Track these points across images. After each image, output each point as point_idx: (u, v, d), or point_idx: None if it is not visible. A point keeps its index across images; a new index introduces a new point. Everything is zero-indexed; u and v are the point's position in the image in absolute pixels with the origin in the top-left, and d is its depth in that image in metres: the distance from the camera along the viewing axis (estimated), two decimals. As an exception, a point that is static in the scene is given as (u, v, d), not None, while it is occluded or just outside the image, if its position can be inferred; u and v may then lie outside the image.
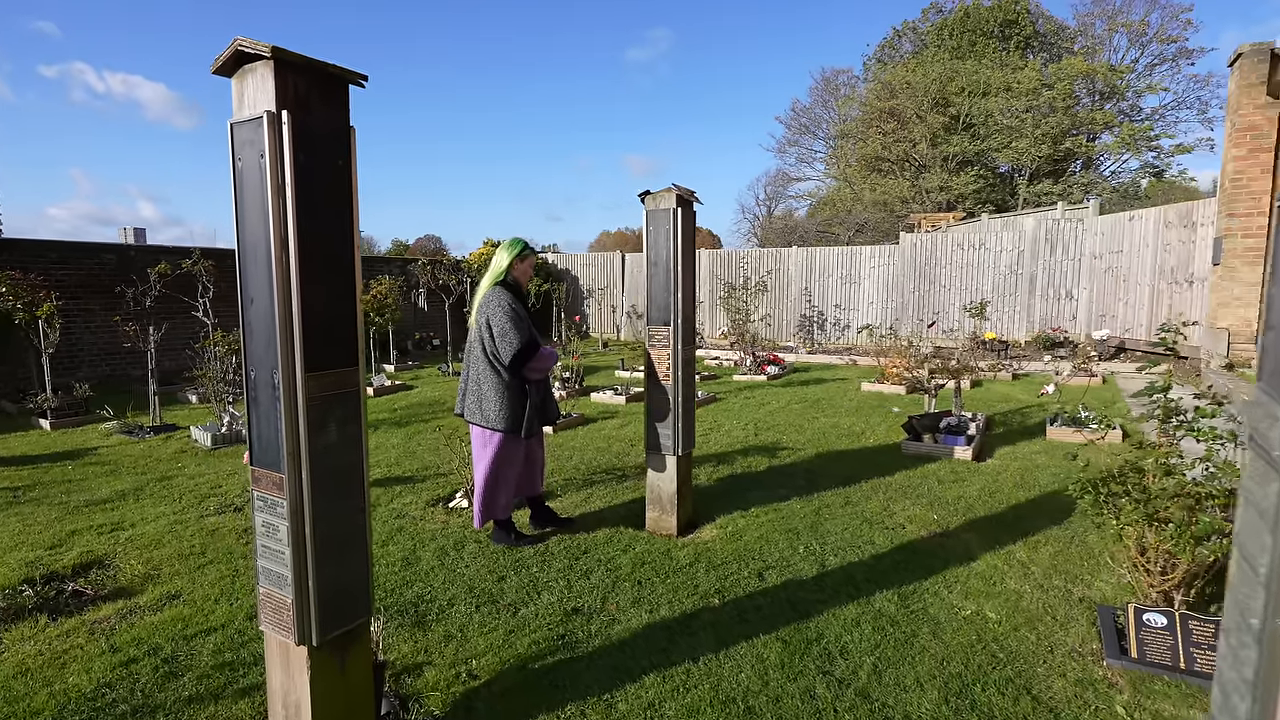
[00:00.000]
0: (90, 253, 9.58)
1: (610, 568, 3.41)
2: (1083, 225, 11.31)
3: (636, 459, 5.42)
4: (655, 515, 3.97)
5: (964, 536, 3.76)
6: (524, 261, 3.77)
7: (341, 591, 1.88)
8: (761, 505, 4.28)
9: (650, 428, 3.93)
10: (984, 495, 4.42)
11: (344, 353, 1.83)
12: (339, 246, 1.80)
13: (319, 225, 1.74)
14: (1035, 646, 2.67)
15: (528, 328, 3.62)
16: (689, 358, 3.91)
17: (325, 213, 1.76)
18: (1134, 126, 27.04)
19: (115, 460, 5.64)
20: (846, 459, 5.38)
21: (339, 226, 1.80)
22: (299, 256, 1.70)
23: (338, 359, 1.82)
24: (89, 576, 3.44)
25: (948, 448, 5.37)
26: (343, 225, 1.80)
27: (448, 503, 4.46)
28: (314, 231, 1.73)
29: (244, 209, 1.75)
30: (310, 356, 1.74)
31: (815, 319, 13.54)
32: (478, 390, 3.60)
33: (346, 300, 1.83)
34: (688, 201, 3.83)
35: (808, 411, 7.22)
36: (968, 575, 3.28)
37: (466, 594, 3.14)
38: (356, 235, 1.86)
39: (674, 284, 3.76)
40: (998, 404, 7.43)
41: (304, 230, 1.70)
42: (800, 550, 3.59)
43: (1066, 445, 5.63)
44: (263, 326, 1.75)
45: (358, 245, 1.86)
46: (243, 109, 1.74)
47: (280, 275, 1.69)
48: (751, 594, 3.10)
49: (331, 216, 1.78)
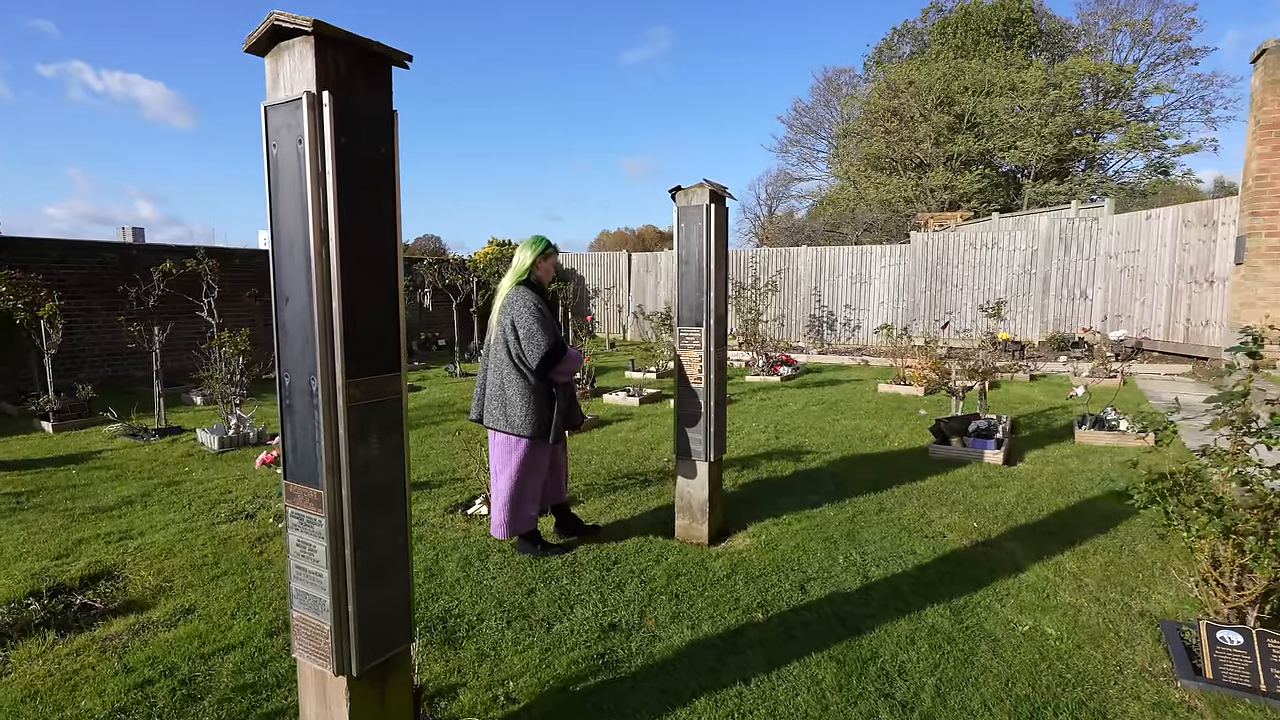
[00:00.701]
0: (92, 251, 9.42)
1: (644, 579, 3.26)
2: (1098, 224, 11.18)
3: (657, 463, 5.28)
4: (685, 523, 3.82)
5: (1008, 545, 3.62)
6: (547, 260, 3.63)
7: (383, 617, 1.73)
8: (793, 512, 4.13)
9: (680, 432, 3.79)
10: (1022, 501, 4.27)
11: (386, 358, 1.68)
12: (382, 242, 1.65)
13: (362, 218, 1.60)
14: (1103, 666, 2.52)
15: (554, 328, 3.48)
16: (721, 360, 3.76)
17: (368, 204, 1.61)
18: (1140, 126, 26.92)
19: (120, 464, 5.49)
20: (873, 463, 5.24)
21: (382, 220, 1.65)
22: (340, 252, 1.55)
23: (380, 364, 1.67)
24: (98, 588, 3.29)
25: (977, 451, 5.23)
26: (386, 219, 1.65)
27: (466, 509, 4.31)
28: (356, 225, 1.58)
29: (279, 199, 1.60)
30: (351, 361, 1.60)
31: (825, 319, 13.40)
32: (501, 395, 3.45)
33: (389, 301, 1.68)
34: (720, 197, 3.68)
35: (827, 414, 7.08)
36: (1018, 587, 3.14)
37: (496, 608, 2.99)
38: (399, 231, 1.71)
39: (707, 283, 3.61)
40: (1019, 406, 7.29)
41: (346, 223, 1.55)
42: (840, 560, 3.44)
43: (1097, 449, 5.49)
44: (299, 328, 1.60)
45: (400, 241, 1.71)
46: (278, 90, 1.59)
47: (320, 272, 1.54)
48: (796, 608, 2.96)
49: (375, 209, 1.63)
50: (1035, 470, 4.95)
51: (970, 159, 28.97)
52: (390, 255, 1.67)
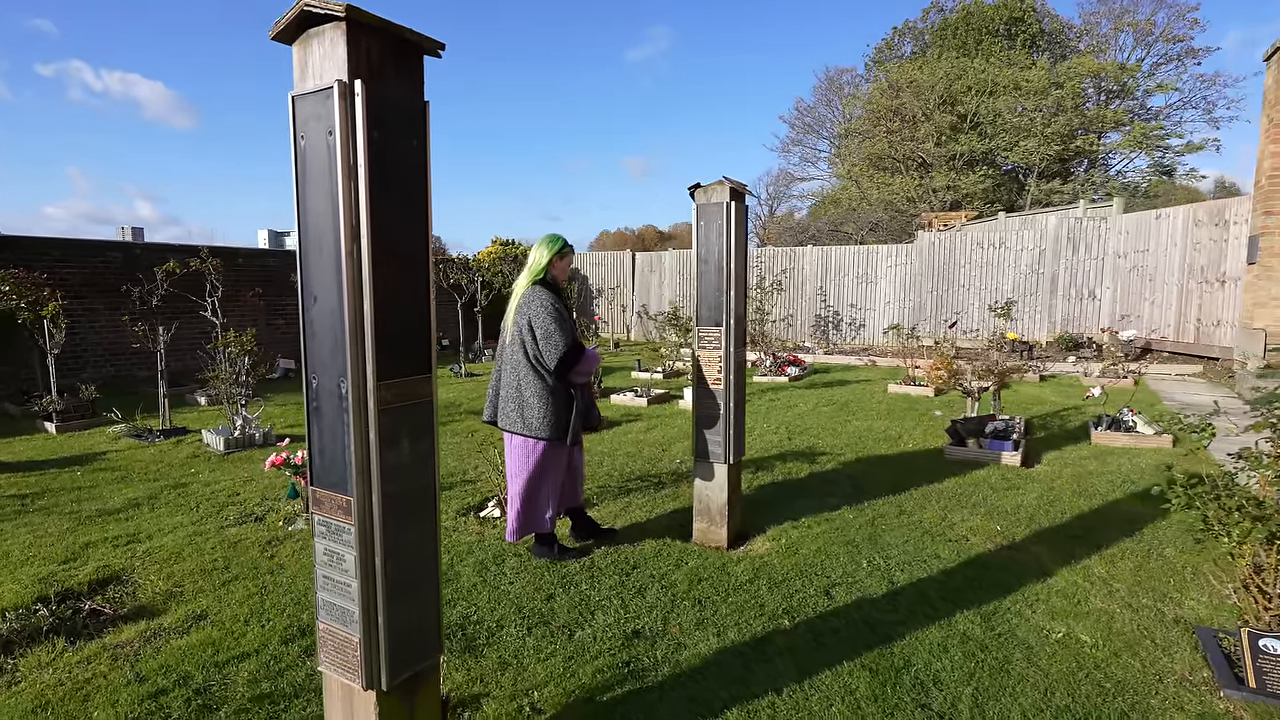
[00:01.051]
0: (94, 250, 9.35)
1: (665, 584, 3.19)
2: (1106, 224, 11.12)
3: (670, 465, 5.21)
4: (703, 527, 3.76)
5: (1033, 549, 3.55)
6: (563, 259, 3.56)
7: (413, 629, 1.66)
8: (812, 515, 4.07)
9: (698, 434, 3.72)
10: (1043, 504, 4.21)
11: (418, 359, 1.62)
12: (414, 238, 1.58)
13: (394, 213, 1.53)
14: (1142, 675, 2.46)
15: (572, 329, 3.41)
16: (741, 360, 3.70)
17: (400, 199, 1.54)
18: (1144, 125, 26.86)
19: (125, 466, 5.42)
20: (889, 464, 5.17)
21: (414, 216, 1.58)
22: (372, 248, 1.48)
23: (412, 365, 1.60)
24: (107, 593, 3.22)
25: (994, 453, 5.17)
26: (418, 214, 1.59)
27: (479, 512, 4.25)
28: (388, 220, 1.52)
29: (307, 194, 1.53)
30: (383, 363, 1.53)
31: (830, 319, 13.34)
32: (518, 396, 3.38)
33: (421, 299, 1.61)
34: (740, 194, 3.62)
35: (838, 414, 7.01)
36: (1048, 593, 3.07)
37: (515, 614, 2.92)
38: (430, 227, 1.64)
39: (727, 282, 3.55)
40: (1032, 407, 7.23)
41: (378, 219, 1.49)
42: (864, 565, 3.38)
43: (1115, 450, 5.42)
44: (328, 328, 1.53)
45: (431, 239, 1.64)
46: (306, 79, 1.53)
47: (351, 270, 1.48)
48: (823, 614, 2.89)
49: (406, 204, 1.56)
50: (1054, 472, 4.88)
51: (973, 159, 28.92)
52: (422, 252, 1.60)
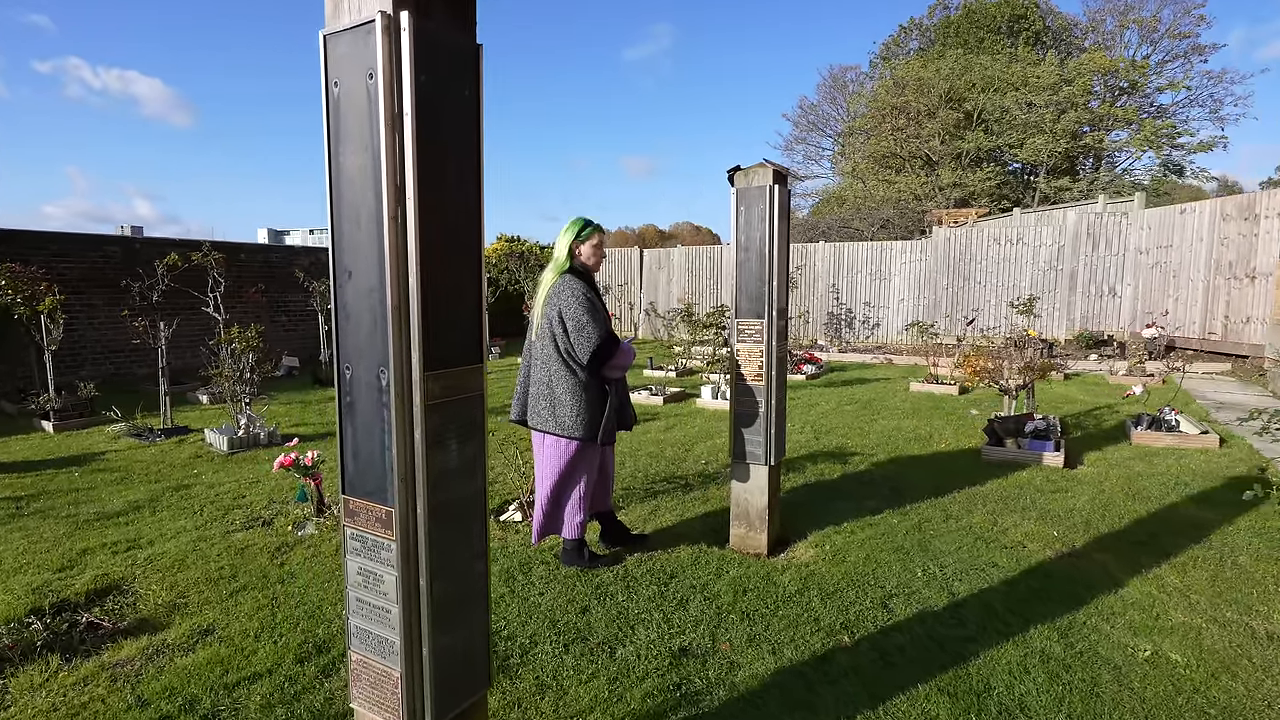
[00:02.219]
0: (93, 245, 9.11)
1: (707, 596, 2.96)
2: (1127, 219, 10.88)
3: (695, 465, 4.98)
4: (742, 532, 3.53)
5: (1097, 557, 3.32)
6: (587, 242, 3.24)
7: (461, 660, 1.43)
8: (853, 519, 3.84)
9: (736, 434, 3.49)
10: (1097, 508, 3.98)
11: (469, 346, 1.39)
12: (465, 204, 1.35)
13: (443, 174, 1.30)
14: (1248, 700, 2.23)
15: (605, 320, 3.17)
16: (783, 356, 3.46)
17: (451, 158, 1.31)
18: (1154, 123, 26.62)
19: (125, 466, 5.19)
20: (924, 465, 4.94)
21: (466, 178, 1.35)
22: (420, 214, 1.25)
23: (462, 354, 1.37)
24: (106, 605, 2.99)
25: (1034, 453, 4.94)
26: (470, 175, 1.35)
27: (499, 516, 4.02)
28: (438, 181, 1.28)
29: (341, 150, 1.30)
30: (431, 350, 1.30)
31: (844, 316, 13.10)
32: (549, 393, 3.14)
33: (473, 277, 1.38)
34: (783, 177, 3.39)
35: (862, 413, 6.78)
36: (1122, 605, 2.85)
37: (549, 630, 2.69)
38: (483, 192, 1.40)
39: (769, 271, 3.32)
40: (1062, 405, 6.99)
41: (426, 178, 1.25)
42: (919, 574, 3.15)
43: (1159, 451, 5.19)
44: (366, 308, 1.30)
45: (484, 206, 1.41)
46: (340, 14, 1.29)
47: (395, 238, 1.24)
48: (884, 629, 2.66)
49: (458, 164, 1.33)
50: (1100, 474, 4.65)
51: (980, 156, 28.68)
52: (475, 222, 1.37)
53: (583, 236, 3.25)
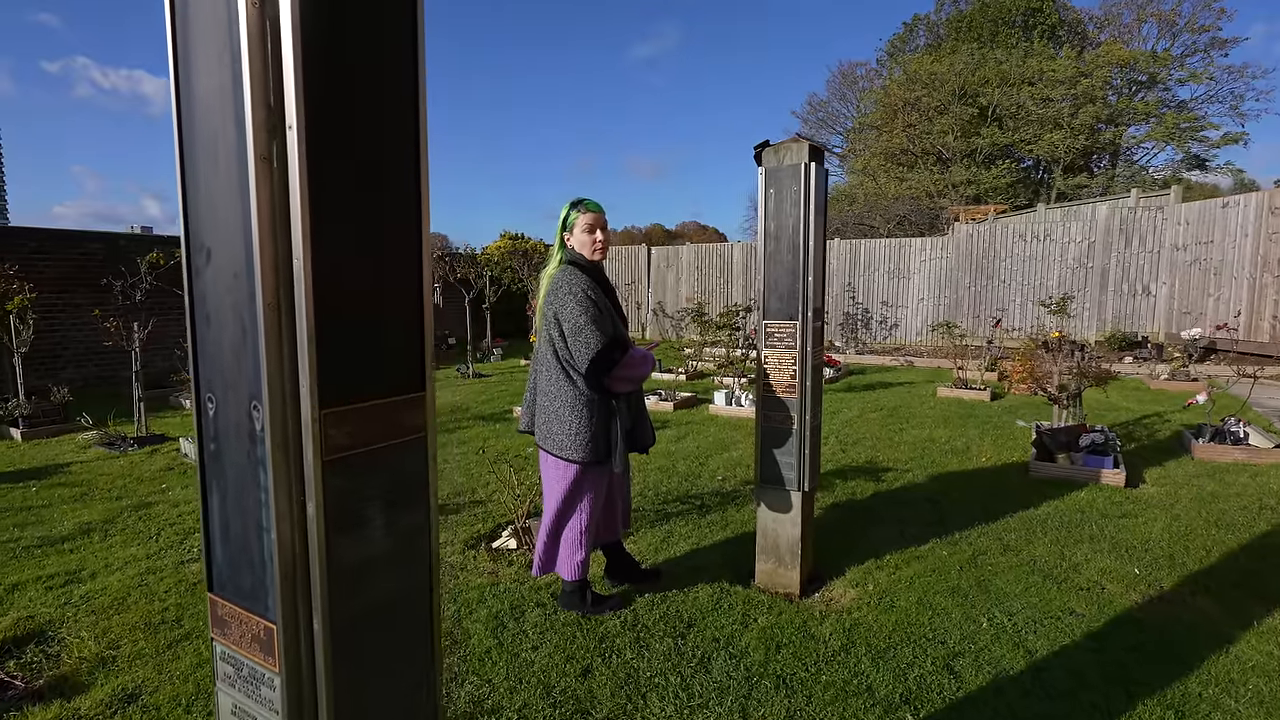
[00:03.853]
0: (74, 242, 8.69)
1: (733, 653, 2.47)
2: (1162, 214, 10.31)
3: (710, 482, 4.49)
4: (770, 568, 3.04)
5: (1192, 603, 2.81)
6: (575, 229, 2.69)
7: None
8: (896, 551, 3.34)
9: (764, 454, 2.99)
10: (1176, 538, 3.46)
11: (401, 363, 0.90)
12: (400, 142, 0.86)
13: (351, 92, 0.81)
14: None
15: (610, 322, 2.67)
16: (818, 364, 2.97)
17: (361, 65, 0.82)
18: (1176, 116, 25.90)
19: (89, 480, 4.74)
20: (967, 483, 4.43)
21: (392, 100, 0.86)
22: (310, 152, 0.76)
23: (388, 377, 0.89)
24: (25, 656, 2.54)
25: (1091, 470, 4.41)
26: (405, 115, 0.87)
27: (491, 542, 3.54)
28: (342, 102, 0.80)
29: (192, 59, 0.81)
30: (331, 372, 0.81)
31: (860, 317, 12.57)
32: (547, 406, 2.66)
33: (407, 264, 0.89)
34: (820, 154, 2.89)
35: (889, 422, 6.27)
36: (1241, 670, 2.34)
37: (543, 698, 2.21)
38: (425, 143, 0.92)
39: (803, 264, 2.82)
40: (1106, 414, 6.46)
41: (320, 98, 0.77)
42: (984, 624, 2.64)
43: (1229, 467, 4.66)
44: (230, 306, 0.82)
45: (426, 165, 0.92)
46: None
47: (270, 194, 0.76)
48: (955, 703, 2.16)
49: (375, 75, 0.84)
50: (1168, 495, 4.13)
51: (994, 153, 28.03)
52: (411, 183, 0.88)
53: (569, 223, 2.70)
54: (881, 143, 29.32)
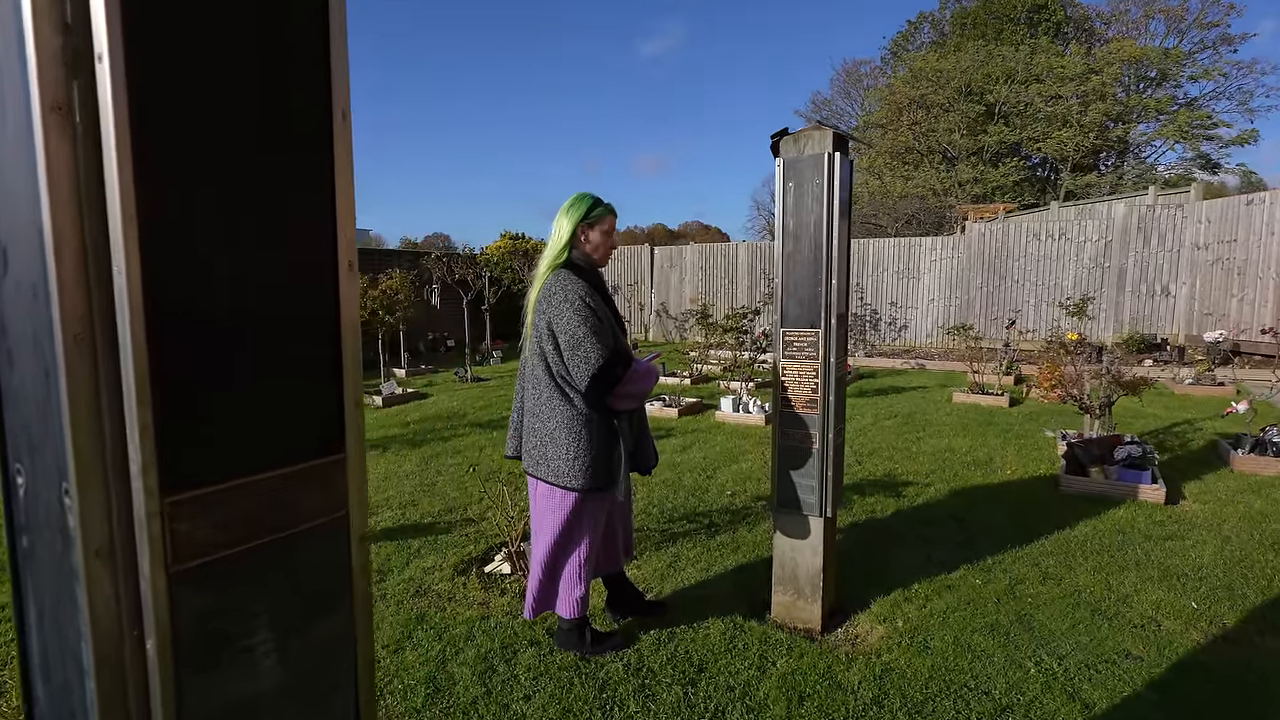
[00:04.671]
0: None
1: (750, 705, 2.18)
2: (1182, 212, 10.00)
3: (718, 498, 4.21)
4: (787, 600, 2.75)
5: (1262, 644, 2.52)
6: (597, 227, 2.45)
7: None
8: (925, 579, 3.05)
9: (781, 475, 2.71)
10: (1231, 565, 3.17)
11: (307, 419, 0.62)
12: (281, 97, 0.58)
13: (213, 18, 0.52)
14: None
15: (611, 333, 2.38)
16: (842, 376, 2.68)
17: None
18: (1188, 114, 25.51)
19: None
20: (993, 499, 4.14)
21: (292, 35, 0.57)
22: (135, 101, 0.48)
23: (285, 438, 0.60)
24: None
25: (1127, 486, 4.12)
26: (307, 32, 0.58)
27: (484, 566, 3.27)
28: (191, 31, 0.51)
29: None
30: (182, 435, 0.53)
31: (868, 318, 12.27)
32: (539, 428, 2.38)
33: (312, 265, 0.61)
34: (844, 143, 2.60)
35: (905, 430, 5.97)
36: (1330, 728, 2.05)
37: (533, 764, 1.93)
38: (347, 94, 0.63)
39: (826, 265, 2.53)
40: (1132, 422, 6.15)
41: (151, 16, 0.48)
42: (1031, 670, 2.35)
43: (1270, 481, 4.36)
44: (29, 335, 0.53)
45: (345, 110, 0.64)
46: None
47: (66, 166, 0.48)
48: (1008, 774, 1.87)
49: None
50: (1213, 514, 3.84)
51: (1001, 152, 27.68)
52: (317, 134, 0.60)
53: (593, 218, 2.43)
54: (887, 141, 28.98)
